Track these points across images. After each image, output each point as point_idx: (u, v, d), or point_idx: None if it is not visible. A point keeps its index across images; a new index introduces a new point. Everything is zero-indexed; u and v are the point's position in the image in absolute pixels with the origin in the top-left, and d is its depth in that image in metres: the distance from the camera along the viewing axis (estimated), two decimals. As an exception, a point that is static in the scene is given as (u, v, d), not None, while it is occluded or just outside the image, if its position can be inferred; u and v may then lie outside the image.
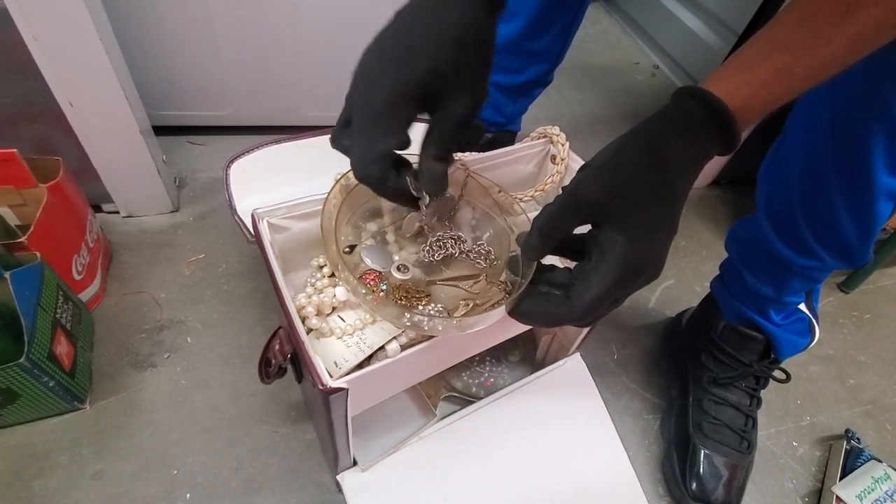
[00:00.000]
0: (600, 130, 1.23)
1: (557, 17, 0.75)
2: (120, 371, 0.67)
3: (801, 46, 0.32)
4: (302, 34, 0.86)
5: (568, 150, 0.57)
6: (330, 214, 0.41)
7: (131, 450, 0.61)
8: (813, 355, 0.85)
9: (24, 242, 0.59)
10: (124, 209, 0.84)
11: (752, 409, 0.68)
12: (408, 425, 0.59)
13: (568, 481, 0.60)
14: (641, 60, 1.52)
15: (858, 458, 0.69)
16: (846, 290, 0.97)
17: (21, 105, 0.68)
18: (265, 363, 0.42)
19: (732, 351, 0.67)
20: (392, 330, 0.43)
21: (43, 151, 0.70)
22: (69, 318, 0.64)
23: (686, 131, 0.33)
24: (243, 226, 0.55)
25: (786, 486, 0.69)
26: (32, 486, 0.57)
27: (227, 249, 0.83)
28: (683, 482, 0.64)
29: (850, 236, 0.51)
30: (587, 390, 0.67)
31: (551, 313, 0.35)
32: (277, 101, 0.96)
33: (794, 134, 0.52)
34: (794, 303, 0.63)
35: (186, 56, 0.87)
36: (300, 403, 0.67)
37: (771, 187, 0.57)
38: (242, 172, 0.59)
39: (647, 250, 0.32)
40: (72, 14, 0.61)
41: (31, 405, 0.58)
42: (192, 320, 0.74)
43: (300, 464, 0.62)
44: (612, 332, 0.82)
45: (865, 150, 0.44)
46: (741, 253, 0.64)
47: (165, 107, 0.93)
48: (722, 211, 1.08)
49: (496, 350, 0.69)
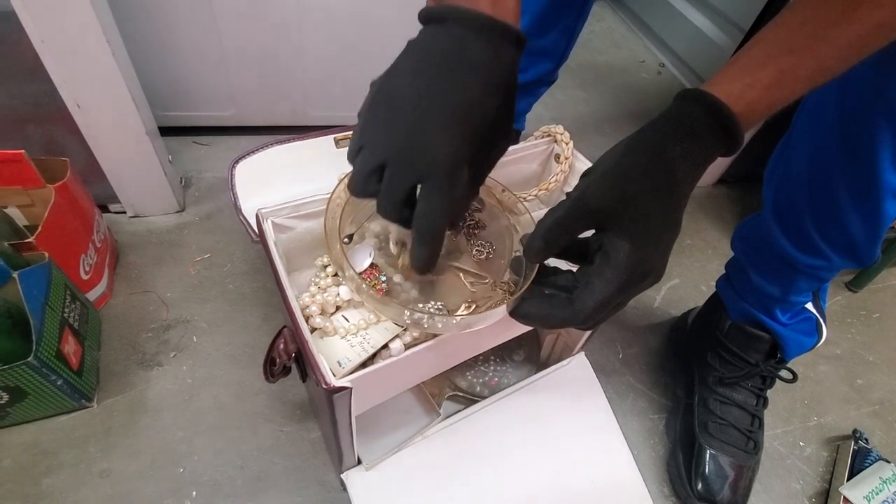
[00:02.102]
0: (605, 129, 1.23)
1: (562, 16, 0.74)
2: (127, 370, 0.68)
3: (805, 48, 0.31)
4: (308, 35, 0.87)
5: (572, 149, 0.56)
6: (333, 214, 0.41)
7: (138, 448, 0.62)
8: (820, 355, 0.84)
9: (32, 242, 0.60)
10: (131, 209, 0.85)
11: (759, 409, 0.67)
12: (412, 424, 0.59)
13: (573, 481, 0.60)
14: (647, 58, 1.51)
15: (866, 458, 0.68)
16: (854, 289, 0.96)
17: (29, 106, 0.69)
18: (270, 362, 0.42)
19: (738, 350, 0.66)
20: (395, 330, 0.43)
21: (50, 152, 0.71)
22: (77, 317, 0.64)
23: (690, 135, 0.32)
24: (248, 225, 0.55)
25: (793, 487, 0.69)
26: (41, 483, 0.58)
27: (233, 249, 0.83)
28: (689, 482, 0.64)
29: (857, 235, 0.51)
30: (592, 390, 0.67)
31: (554, 316, 0.35)
32: (282, 101, 0.97)
33: (802, 132, 0.52)
34: (800, 302, 0.62)
35: (192, 57, 0.87)
36: (305, 402, 0.67)
37: (778, 186, 0.56)
38: (247, 172, 0.59)
39: (651, 255, 0.32)
40: (79, 16, 0.61)
41: (40, 403, 0.59)
42: (197, 319, 0.74)
43: (305, 462, 0.63)
44: (617, 331, 0.82)
45: (873, 149, 0.44)
46: (747, 252, 0.64)
47: (171, 107, 0.94)
48: (728, 209, 1.07)
49: (500, 349, 0.69)
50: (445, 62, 0.30)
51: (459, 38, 0.30)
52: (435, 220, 0.31)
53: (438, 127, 0.30)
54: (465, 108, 0.30)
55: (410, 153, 0.30)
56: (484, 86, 0.31)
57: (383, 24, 0.88)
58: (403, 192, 0.31)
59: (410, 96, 0.30)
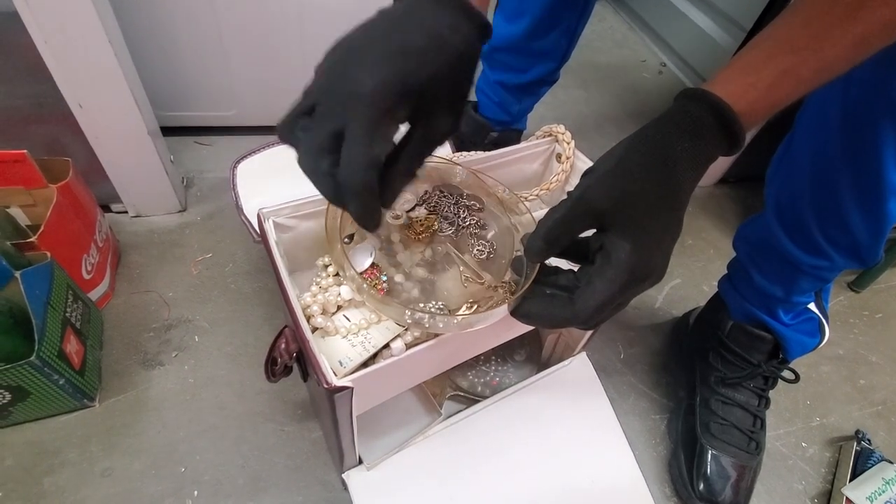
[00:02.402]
0: (606, 129, 1.23)
1: (563, 17, 0.74)
2: (128, 369, 0.68)
3: (807, 48, 0.31)
4: (309, 34, 0.87)
5: (573, 149, 0.56)
6: (334, 214, 0.42)
7: (140, 447, 0.62)
8: (823, 355, 0.84)
9: (34, 242, 0.60)
10: (133, 209, 0.85)
11: (761, 409, 0.67)
12: (413, 424, 0.59)
13: (574, 481, 0.59)
14: (648, 58, 1.51)
15: (869, 459, 0.68)
16: (857, 289, 0.96)
17: (31, 106, 0.69)
18: (271, 362, 0.42)
19: (740, 351, 0.66)
20: (397, 330, 0.43)
21: (53, 152, 0.71)
22: (79, 316, 0.64)
23: (691, 135, 0.32)
24: (249, 225, 0.55)
25: (795, 488, 0.69)
26: (43, 482, 0.58)
27: (234, 249, 0.84)
28: (691, 483, 0.64)
29: (860, 235, 0.50)
30: (593, 390, 0.67)
31: (555, 316, 0.35)
32: (284, 101, 0.95)
33: (804, 132, 0.52)
34: (802, 303, 0.62)
35: (194, 57, 0.87)
36: (306, 402, 0.67)
37: (780, 185, 0.56)
38: (249, 172, 0.59)
39: (653, 255, 0.32)
40: (81, 17, 0.61)
41: (42, 403, 0.59)
42: (199, 319, 0.74)
43: (306, 462, 0.63)
44: (619, 331, 0.82)
45: (876, 149, 0.44)
46: (749, 252, 0.63)
47: (173, 107, 0.94)
48: (730, 209, 1.07)
49: (502, 349, 0.68)
50: (393, 18, 0.31)
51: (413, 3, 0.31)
52: (354, 168, 0.28)
53: (367, 66, 0.29)
54: (399, 52, 0.29)
55: (333, 90, 0.29)
56: (426, 38, 0.30)
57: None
58: (324, 134, 0.29)
59: (351, 44, 0.31)
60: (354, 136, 0.28)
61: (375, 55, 0.29)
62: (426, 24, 0.31)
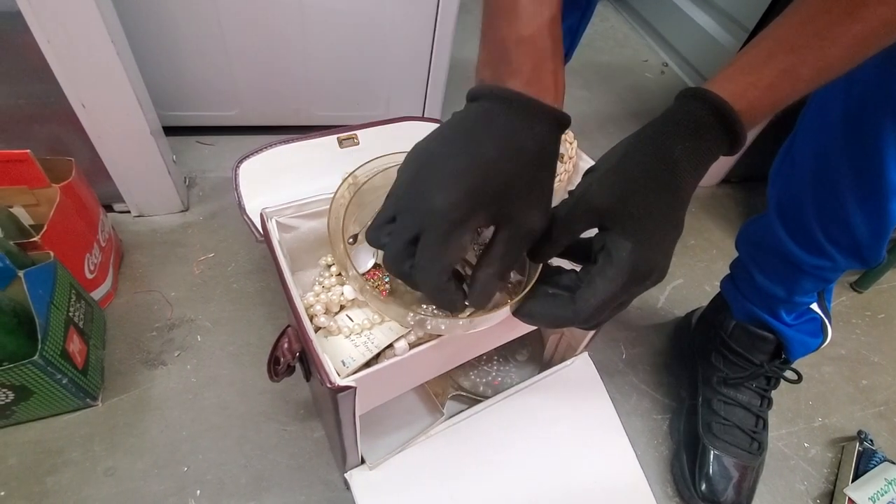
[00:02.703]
0: (609, 129, 1.23)
1: (565, 17, 0.73)
2: (131, 369, 0.68)
3: (808, 47, 0.31)
4: (311, 34, 0.87)
5: (576, 149, 0.56)
6: (337, 214, 0.42)
7: (142, 447, 0.62)
8: (825, 355, 0.84)
9: (37, 242, 0.60)
10: (135, 209, 0.85)
11: (763, 409, 0.67)
12: (415, 424, 0.59)
13: (576, 481, 0.59)
14: (650, 58, 1.51)
15: (871, 459, 0.68)
16: (859, 289, 0.96)
17: (34, 106, 0.69)
18: (274, 361, 0.42)
19: (743, 351, 0.66)
20: (400, 330, 0.43)
21: (56, 152, 0.71)
22: (82, 316, 0.64)
23: (692, 134, 0.32)
24: (252, 225, 0.55)
25: (797, 488, 0.69)
26: (45, 481, 0.58)
27: (237, 248, 0.84)
28: (693, 483, 0.64)
29: (862, 236, 0.50)
30: (595, 390, 0.67)
31: (556, 315, 0.35)
32: (286, 101, 0.97)
33: (806, 132, 0.52)
34: (805, 303, 0.62)
35: (196, 57, 0.87)
36: (308, 401, 0.68)
37: (782, 185, 0.56)
38: (251, 172, 0.59)
39: (654, 254, 0.32)
40: (84, 17, 0.61)
41: (45, 402, 0.59)
42: (202, 319, 0.74)
43: (308, 461, 0.63)
44: (621, 331, 0.82)
45: (878, 148, 0.44)
46: (751, 252, 0.63)
47: (175, 107, 0.94)
48: (732, 210, 1.07)
49: (504, 349, 0.69)
50: (466, 129, 0.32)
51: (486, 111, 0.32)
52: (424, 274, 0.32)
53: (440, 180, 0.31)
54: (468, 169, 0.31)
55: (410, 205, 0.32)
56: (498, 149, 0.31)
57: (387, 25, 0.88)
58: (402, 243, 0.32)
59: (426, 156, 0.33)
60: (425, 247, 0.32)
61: (446, 173, 0.31)
62: (497, 133, 0.31)
